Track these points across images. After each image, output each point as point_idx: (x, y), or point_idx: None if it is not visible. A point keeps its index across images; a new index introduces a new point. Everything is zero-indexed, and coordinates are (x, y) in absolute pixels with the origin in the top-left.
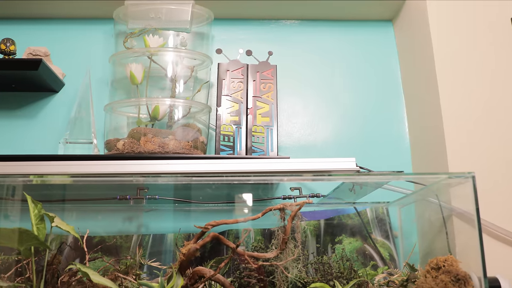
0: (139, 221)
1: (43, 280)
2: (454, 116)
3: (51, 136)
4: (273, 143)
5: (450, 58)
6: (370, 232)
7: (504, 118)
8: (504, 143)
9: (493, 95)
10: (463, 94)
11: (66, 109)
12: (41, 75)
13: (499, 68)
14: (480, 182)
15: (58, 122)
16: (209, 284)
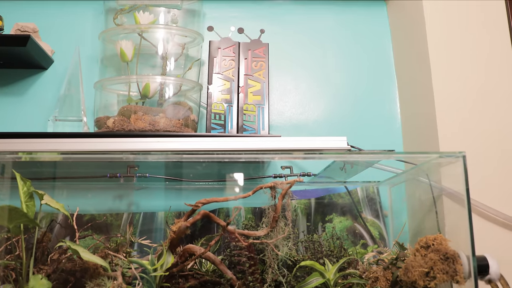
0: (130, 199)
1: (33, 257)
2: (445, 97)
3: (40, 114)
4: (264, 121)
5: (443, 38)
6: (360, 211)
7: (495, 99)
8: (495, 123)
9: (485, 75)
10: (455, 74)
11: (56, 87)
12: (29, 51)
13: (492, 49)
14: (470, 162)
15: (47, 99)
16: (200, 261)
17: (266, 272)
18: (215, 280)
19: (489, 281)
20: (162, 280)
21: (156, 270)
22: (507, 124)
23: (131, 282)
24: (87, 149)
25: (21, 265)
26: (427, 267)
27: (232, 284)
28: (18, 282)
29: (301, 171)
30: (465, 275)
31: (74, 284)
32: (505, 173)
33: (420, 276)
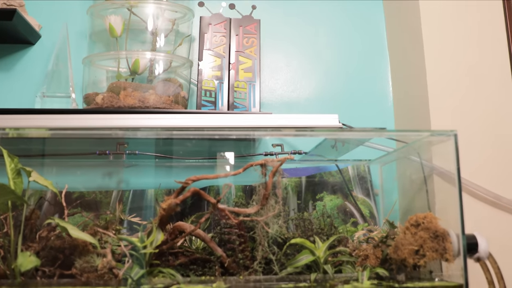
0: (119, 177)
1: (21, 235)
2: (438, 76)
3: (27, 90)
4: (255, 99)
5: (437, 16)
6: (351, 189)
7: (488, 78)
8: (487, 103)
9: (478, 55)
10: (448, 53)
11: (43, 62)
12: (15, 26)
13: (486, 28)
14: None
15: (34, 75)
16: (190, 239)
17: (256, 249)
18: (205, 257)
19: (478, 259)
20: (152, 257)
21: (145, 247)
22: (498, 104)
23: (120, 259)
24: (75, 125)
25: (9, 242)
26: (417, 245)
27: (222, 262)
28: (6, 259)
29: (292, 149)
30: (454, 253)
31: (63, 262)
32: (496, 152)
33: (410, 254)
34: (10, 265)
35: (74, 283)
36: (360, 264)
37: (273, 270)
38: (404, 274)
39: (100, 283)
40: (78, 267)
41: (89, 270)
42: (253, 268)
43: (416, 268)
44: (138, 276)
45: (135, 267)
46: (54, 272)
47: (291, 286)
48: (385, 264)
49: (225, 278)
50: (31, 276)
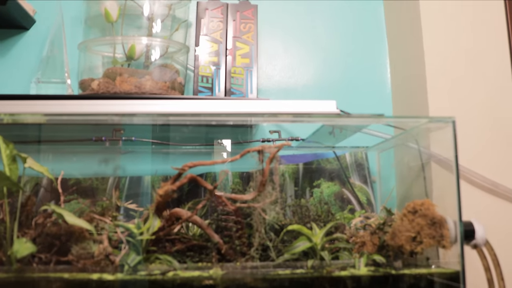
0: (116, 163)
1: (17, 221)
2: (437, 62)
3: (22, 76)
4: (252, 85)
5: (435, 3)
6: (348, 176)
7: (487, 65)
8: (486, 90)
9: (477, 40)
10: (447, 40)
11: (38, 48)
12: (9, 10)
13: (484, 14)
14: (460, 129)
15: (29, 61)
16: (187, 226)
17: (253, 236)
18: (202, 244)
19: (475, 246)
20: (148, 244)
21: (142, 234)
22: (498, 91)
23: (117, 246)
24: (71, 111)
25: (5, 229)
26: (414, 232)
27: (219, 248)
28: (2, 246)
29: (290, 136)
30: (452, 240)
31: (60, 248)
32: (494, 140)
33: (407, 240)
34: (6, 251)
35: (70, 270)
36: (357, 251)
37: (270, 256)
38: (401, 260)
39: (96, 270)
40: (75, 254)
41: (85, 256)
42: (250, 255)
43: (413, 255)
44: (135, 263)
45: (131, 253)
46: (50, 259)
47: (288, 272)
48: (382, 251)
49: (222, 264)
50: (27, 263)
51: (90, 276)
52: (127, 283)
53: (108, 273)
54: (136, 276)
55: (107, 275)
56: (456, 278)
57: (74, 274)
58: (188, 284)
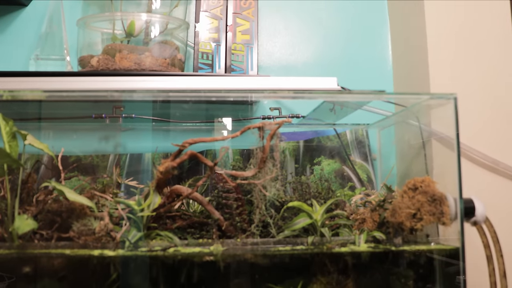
0: (116, 140)
1: (18, 198)
2: (438, 39)
3: (21, 53)
4: (253, 62)
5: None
6: (349, 154)
7: (489, 41)
8: (488, 67)
9: (479, 17)
10: (449, 16)
11: (37, 24)
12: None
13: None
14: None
15: (28, 37)
16: (187, 202)
17: (254, 212)
18: (202, 221)
19: (475, 223)
20: (149, 220)
21: (143, 210)
22: (499, 69)
23: (118, 222)
24: (71, 88)
25: (6, 206)
26: (414, 208)
27: (219, 225)
28: (3, 222)
29: (290, 113)
30: (452, 217)
31: (61, 225)
32: (495, 118)
33: (407, 217)
34: (8, 228)
35: (72, 246)
36: (357, 228)
37: (270, 233)
38: (401, 237)
39: (98, 246)
40: (76, 230)
41: (86, 233)
42: (251, 231)
43: (413, 232)
44: (136, 239)
45: (132, 230)
46: (51, 235)
47: (288, 249)
48: (382, 228)
49: (223, 241)
50: (29, 239)
51: (91, 252)
52: (128, 259)
53: (109, 249)
54: (137, 252)
55: (108, 251)
56: (455, 254)
57: (75, 250)
58: (189, 260)
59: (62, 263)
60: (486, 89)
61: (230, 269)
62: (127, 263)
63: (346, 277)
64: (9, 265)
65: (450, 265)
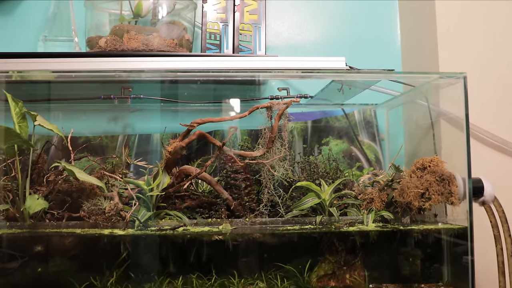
0: (125, 121)
1: (29, 178)
2: (448, 18)
3: (29, 34)
4: (261, 42)
5: None
6: (357, 134)
7: (500, 20)
8: (498, 47)
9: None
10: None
11: (44, 5)
12: None
13: None
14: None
15: (36, 19)
16: (196, 182)
17: (262, 192)
18: (211, 200)
19: (483, 203)
20: (158, 200)
21: (152, 190)
22: (509, 48)
23: (127, 202)
24: (79, 68)
25: (18, 186)
26: (423, 188)
27: (228, 205)
28: (15, 202)
29: (298, 93)
30: (460, 197)
31: (71, 204)
32: (504, 98)
33: (415, 197)
34: (19, 208)
35: (82, 225)
36: (365, 207)
37: (278, 212)
38: (409, 217)
39: (108, 225)
40: (86, 210)
41: (96, 212)
42: (259, 211)
43: (421, 211)
44: (145, 218)
45: (142, 209)
46: (62, 215)
47: (296, 228)
48: (390, 208)
49: (231, 220)
50: (40, 219)
51: (101, 231)
52: (138, 238)
53: (119, 228)
54: (146, 232)
55: (118, 231)
56: (463, 234)
57: (86, 229)
58: (198, 239)
59: (73, 242)
60: (495, 68)
61: (238, 248)
62: (137, 242)
63: (354, 256)
64: (21, 245)
65: (458, 245)
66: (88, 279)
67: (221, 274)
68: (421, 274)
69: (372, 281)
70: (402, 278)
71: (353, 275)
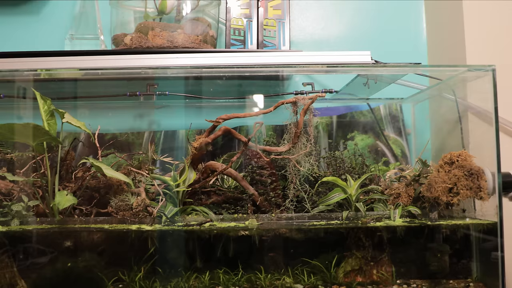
0: (150, 118)
1: (58, 175)
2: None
3: (56, 33)
4: (285, 37)
5: None
6: (382, 128)
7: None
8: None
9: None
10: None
11: (71, 4)
12: None
13: None
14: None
15: (62, 18)
16: (221, 178)
17: (288, 188)
18: (237, 196)
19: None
20: (185, 196)
21: (178, 186)
22: None
23: (154, 198)
24: (106, 66)
25: (47, 182)
26: (451, 183)
27: (254, 200)
28: (45, 199)
29: (323, 88)
30: (489, 191)
31: (99, 200)
32: None
33: (443, 192)
34: (49, 204)
35: (110, 221)
36: (392, 203)
37: (304, 208)
38: (437, 212)
39: (135, 221)
40: (114, 206)
41: (124, 208)
42: (285, 206)
43: (449, 207)
44: (172, 214)
45: (168, 205)
46: (90, 211)
47: (323, 223)
48: (417, 203)
49: (257, 215)
50: (69, 215)
51: (129, 227)
52: (165, 234)
53: (146, 224)
54: (173, 227)
55: (146, 226)
56: (493, 229)
57: (113, 225)
58: (225, 234)
59: (101, 237)
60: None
61: (265, 243)
62: (164, 237)
63: (381, 252)
64: (51, 240)
65: (487, 240)
66: (116, 274)
67: (247, 270)
68: (449, 270)
69: (399, 277)
70: (430, 274)
71: (380, 271)
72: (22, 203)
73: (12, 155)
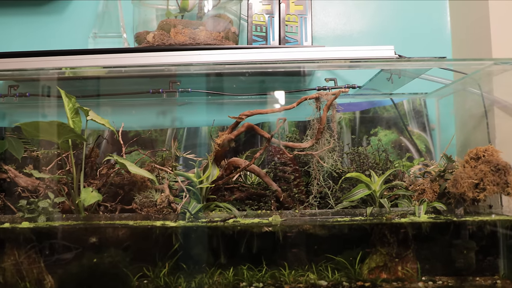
0: (173, 115)
1: (83, 172)
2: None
3: (80, 31)
4: (307, 32)
5: None
6: (406, 124)
7: None
8: None
9: None
10: None
11: (94, 3)
12: None
13: None
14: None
15: (85, 17)
16: (244, 174)
17: (311, 184)
18: (260, 192)
19: None
20: (208, 192)
21: (202, 182)
22: None
23: (177, 194)
24: (129, 63)
25: (72, 179)
26: (477, 178)
27: (277, 196)
28: (70, 195)
29: (346, 84)
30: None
31: (123, 197)
32: None
33: (469, 187)
34: (75, 200)
35: (135, 217)
36: (416, 199)
37: (328, 204)
38: (463, 208)
39: (159, 217)
40: (138, 202)
41: (148, 204)
42: (308, 202)
43: (475, 202)
44: (196, 210)
45: (192, 201)
46: (115, 207)
47: (346, 219)
48: (442, 198)
49: (281, 212)
50: (94, 211)
51: (153, 223)
52: (189, 230)
53: (171, 220)
54: (197, 223)
55: (170, 222)
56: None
57: (138, 221)
58: (248, 230)
59: (126, 233)
60: None
61: (288, 239)
62: (188, 233)
63: (406, 248)
64: (76, 236)
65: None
66: (141, 270)
67: (271, 266)
68: (476, 267)
69: (424, 273)
70: (456, 271)
71: (405, 267)
72: (49, 200)
73: (38, 153)
